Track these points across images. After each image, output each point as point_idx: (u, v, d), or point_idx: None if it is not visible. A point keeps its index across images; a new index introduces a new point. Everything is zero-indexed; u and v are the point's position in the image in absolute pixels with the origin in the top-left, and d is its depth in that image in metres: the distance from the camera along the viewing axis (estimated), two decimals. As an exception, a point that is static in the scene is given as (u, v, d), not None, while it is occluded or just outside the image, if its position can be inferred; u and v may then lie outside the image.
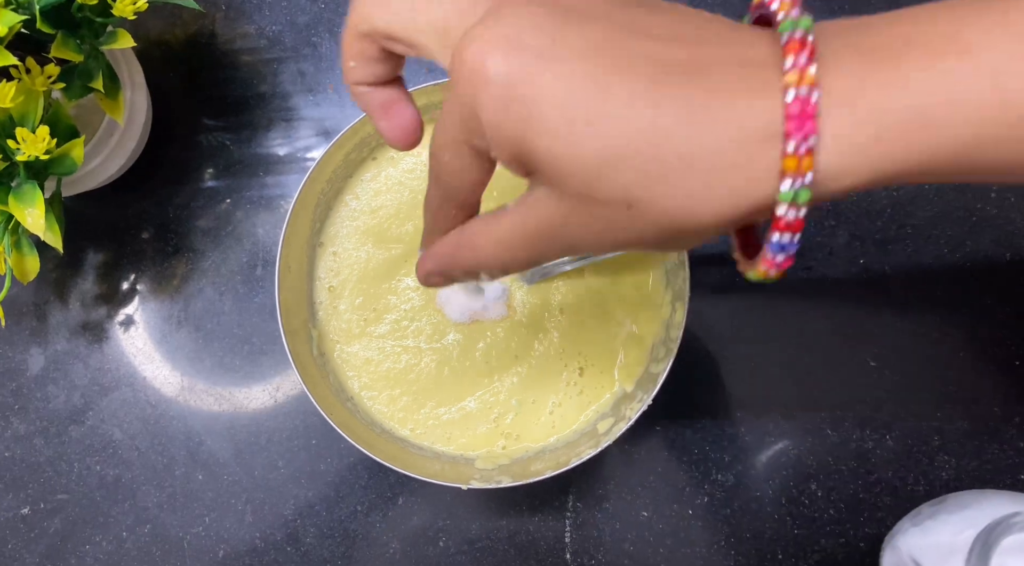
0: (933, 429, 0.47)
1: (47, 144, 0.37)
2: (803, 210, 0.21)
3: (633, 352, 0.44)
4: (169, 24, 0.54)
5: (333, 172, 0.45)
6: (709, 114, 0.21)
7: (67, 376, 0.50)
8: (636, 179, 0.21)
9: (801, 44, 0.21)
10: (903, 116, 0.20)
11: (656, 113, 0.20)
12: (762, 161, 0.21)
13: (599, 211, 0.22)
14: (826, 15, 0.22)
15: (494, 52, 0.21)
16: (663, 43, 0.21)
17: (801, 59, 0.20)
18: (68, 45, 0.39)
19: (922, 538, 0.39)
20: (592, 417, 0.44)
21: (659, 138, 0.21)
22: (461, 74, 0.22)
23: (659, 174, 0.21)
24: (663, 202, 0.21)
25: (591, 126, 0.21)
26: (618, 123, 0.21)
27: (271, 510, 0.48)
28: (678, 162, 0.21)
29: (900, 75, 0.20)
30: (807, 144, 0.20)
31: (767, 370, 0.48)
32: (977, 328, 0.48)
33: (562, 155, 0.21)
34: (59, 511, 0.49)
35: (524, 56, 0.21)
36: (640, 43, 0.21)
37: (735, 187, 0.21)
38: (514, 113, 0.21)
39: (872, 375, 0.48)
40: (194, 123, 0.53)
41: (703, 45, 0.22)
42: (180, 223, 0.52)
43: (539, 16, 0.21)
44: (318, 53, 0.53)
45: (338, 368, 0.45)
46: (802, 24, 0.21)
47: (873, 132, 0.21)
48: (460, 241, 0.27)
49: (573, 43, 0.21)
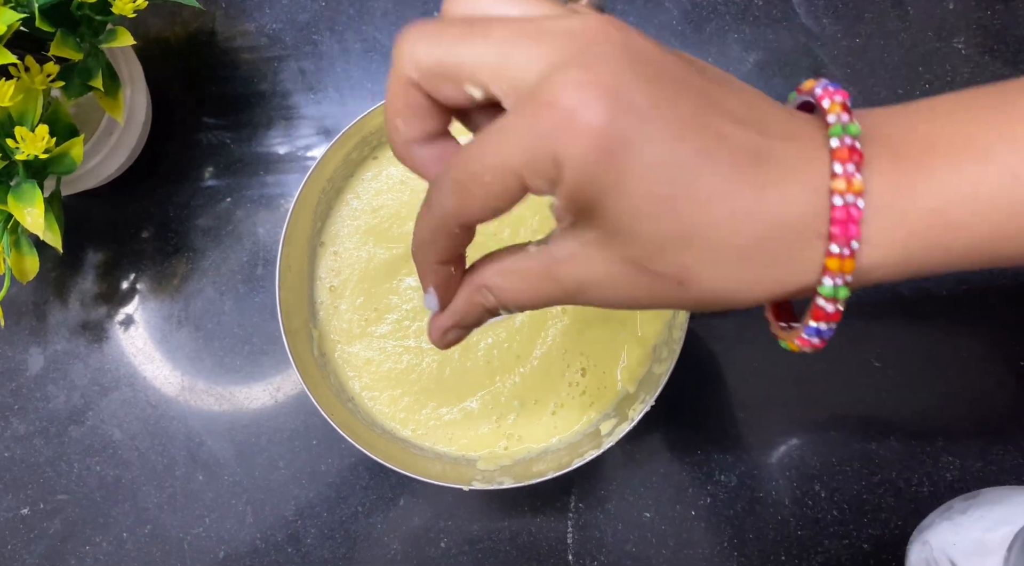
0: (937, 430, 0.47)
1: (46, 143, 0.37)
2: (841, 304, 0.23)
3: (635, 353, 0.44)
4: (169, 22, 0.53)
5: (334, 171, 0.45)
6: (770, 208, 0.22)
7: (67, 376, 0.50)
8: (695, 261, 0.22)
9: (850, 152, 0.22)
10: (931, 220, 0.22)
11: (732, 204, 0.22)
12: (808, 256, 0.23)
13: (646, 279, 0.23)
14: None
15: (597, 102, 0.20)
16: (741, 128, 0.22)
17: (849, 168, 0.22)
18: (67, 43, 0.39)
19: (955, 534, 0.38)
20: (594, 418, 0.44)
21: (727, 227, 0.22)
22: (549, 113, 0.20)
23: (718, 260, 0.22)
24: (713, 284, 0.23)
25: (673, 204, 0.21)
26: (697, 208, 0.21)
27: (272, 511, 0.48)
28: (737, 252, 0.22)
29: (927, 181, 0.22)
30: (850, 247, 0.22)
31: (770, 371, 0.48)
32: (981, 328, 0.47)
33: (635, 222, 0.22)
34: (59, 512, 0.49)
35: (627, 116, 0.20)
36: (724, 125, 0.22)
37: (780, 277, 0.23)
38: (603, 168, 0.21)
39: (875, 375, 0.47)
40: (194, 121, 0.52)
41: (767, 133, 0.23)
42: (180, 222, 0.51)
43: (638, 72, 0.21)
44: (319, 51, 0.53)
45: (339, 368, 0.45)
46: (851, 131, 0.22)
47: (904, 235, 0.23)
48: (476, 284, 0.26)
49: (669, 114, 0.21)
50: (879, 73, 0.50)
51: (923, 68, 0.50)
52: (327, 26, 0.53)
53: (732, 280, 0.23)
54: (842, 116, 0.23)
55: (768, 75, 0.51)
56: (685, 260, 0.22)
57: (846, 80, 0.50)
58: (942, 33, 0.50)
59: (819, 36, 0.51)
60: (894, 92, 0.50)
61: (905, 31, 0.50)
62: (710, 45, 0.51)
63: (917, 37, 0.50)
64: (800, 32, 0.51)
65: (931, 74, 0.50)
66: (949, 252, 0.23)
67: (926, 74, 0.50)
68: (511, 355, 0.44)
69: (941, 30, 0.50)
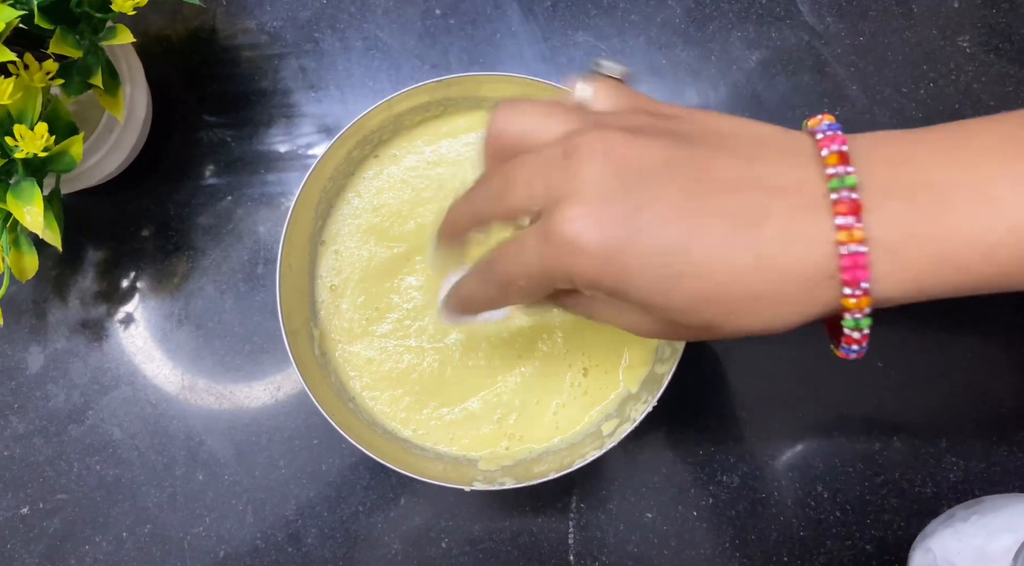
0: (941, 431, 0.47)
1: (45, 141, 0.37)
2: (865, 330, 0.26)
3: (638, 353, 0.44)
4: (169, 20, 0.53)
5: (335, 169, 0.44)
6: (776, 262, 0.24)
7: (67, 375, 0.50)
8: (718, 314, 0.25)
9: (850, 205, 0.24)
10: (939, 262, 0.24)
11: (732, 265, 0.24)
12: (824, 293, 0.25)
13: (679, 329, 0.27)
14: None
15: (587, 228, 0.24)
16: (734, 193, 0.25)
17: (850, 220, 0.24)
18: (67, 41, 0.38)
19: (957, 542, 0.38)
20: (596, 418, 0.44)
21: (736, 284, 0.24)
22: (553, 244, 0.25)
23: (737, 309, 0.25)
24: (740, 324, 0.26)
25: (679, 281, 0.24)
26: (701, 276, 0.24)
27: (272, 510, 0.48)
28: (753, 301, 0.25)
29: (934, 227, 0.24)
30: (861, 288, 0.24)
31: (773, 371, 0.47)
32: (986, 329, 0.47)
33: (653, 299, 0.25)
34: (58, 511, 0.49)
35: (616, 229, 0.24)
36: (715, 198, 0.24)
37: (802, 310, 0.25)
38: (608, 273, 0.25)
39: (879, 376, 0.47)
40: (194, 119, 0.52)
41: (764, 187, 0.25)
42: (180, 220, 0.51)
43: (621, 182, 0.24)
44: (319, 49, 0.52)
45: (340, 368, 0.45)
46: (847, 183, 0.24)
47: (913, 275, 0.25)
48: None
49: (655, 210, 0.24)
50: (883, 71, 0.50)
51: (927, 66, 0.50)
52: (328, 24, 0.53)
53: (757, 321, 0.26)
54: (839, 168, 0.24)
55: (771, 74, 0.50)
56: (707, 316, 0.25)
57: (850, 78, 0.50)
58: (947, 31, 0.50)
59: (823, 34, 0.51)
60: (898, 90, 0.50)
61: (909, 29, 0.50)
62: (713, 43, 0.51)
63: (921, 35, 0.50)
64: (803, 30, 0.51)
65: (935, 72, 0.50)
66: (960, 287, 0.25)
67: (930, 72, 0.50)
68: (513, 355, 0.44)
69: (946, 28, 0.50)
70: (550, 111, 0.28)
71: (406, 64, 0.52)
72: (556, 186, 0.25)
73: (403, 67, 0.52)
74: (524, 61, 0.51)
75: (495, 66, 0.51)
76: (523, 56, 0.52)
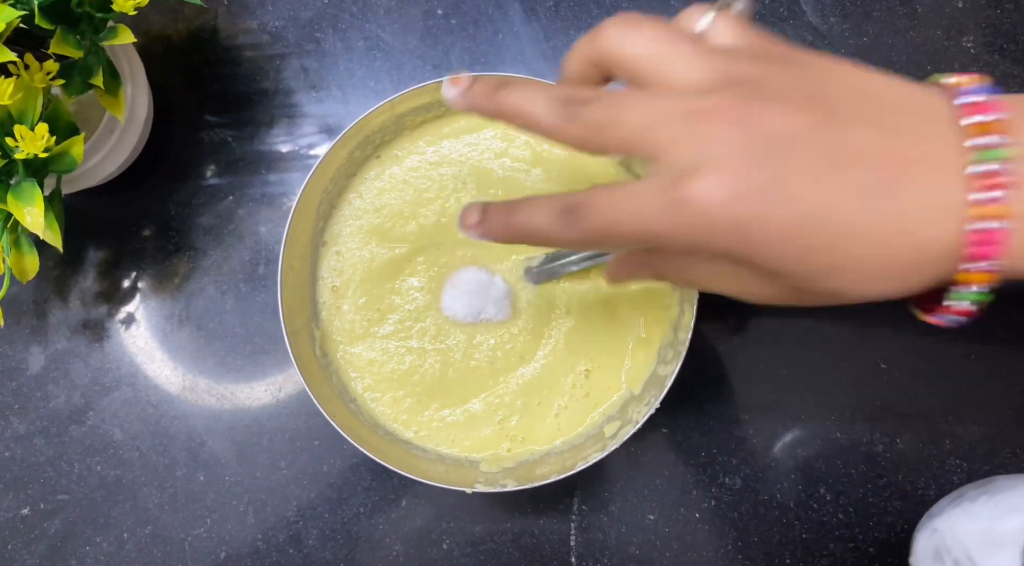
0: (944, 432, 0.46)
1: (46, 141, 0.37)
2: (982, 303, 0.26)
3: (640, 354, 0.44)
4: (171, 19, 0.53)
5: (337, 170, 0.44)
6: (910, 234, 0.24)
7: (67, 375, 0.50)
8: (848, 281, 0.25)
9: (987, 179, 0.24)
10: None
11: (867, 236, 0.24)
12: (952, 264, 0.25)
13: (803, 295, 0.27)
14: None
15: (725, 199, 0.24)
16: (867, 165, 0.24)
17: (988, 194, 0.24)
18: (67, 41, 0.38)
19: (967, 521, 0.37)
20: (599, 420, 0.43)
21: (870, 255, 0.25)
22: (686, 210, 0.24)
23: (867, 277, 0.25)
24: (866, 292, 0.26)
25: (815, 251, 0.25)
26: (836, 247, 0.24)
27: (273, 511, 0.48)
28: (884, 269, 0.25)
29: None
30: (989, 263, 0.24)
31: (775, 372, 0.47)
32: (990, 329, 0.47)
33: (788, 270, 0.25)
34: (59, 512, 0.48)
35: (751, 201, 0.24)
36: (847, 171, 0.24)
37: (925, 278, 0.26)
38: (745, 245, 0.25)
39: (882, 377, 0.47)
40: (196, 120, 0.52)
41: (898, 158, 0.25)
42: (181, 221, 0.51)
43: (756, 152, 0.24)
44: (321, 49, 0.52)
45: (341, 369, 0.45)
46: (989, 156, 0.24)
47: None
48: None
49: (791, 181, 0.24)
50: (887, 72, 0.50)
51: (931, 67, 0.49)
52: (330, 23, 0.53)
53: (882, 288, 0.26)
54: (980, 140, 0.24)
55: (774, 74, 0.50)
56: (837, 283, 0.25)
57: (853, 79, 0.50)
58: (951, 31, 0.50)
59: (826, 34, 0.50)
60: (902, 91, 0.49)
61: (913, 29, 0.50)
62: (716, 43, 0.51)
63: (925, 35, 0.50)
64: (807, 30, 0.51)
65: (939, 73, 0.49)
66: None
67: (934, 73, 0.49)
68: (514, 356, 0.44)
69: (950, 28, 0.50)
70: (675, 42, 0.26)
71: (408, 64, 0.52)
72: (687, 147, 0.24)
73: (405, 67, 0.52)
74: (526, 61, 0.51)
75: (497, 66, 0.51)
76: (525, 56, 0.51)
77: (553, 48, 0.51)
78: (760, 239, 0.24)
